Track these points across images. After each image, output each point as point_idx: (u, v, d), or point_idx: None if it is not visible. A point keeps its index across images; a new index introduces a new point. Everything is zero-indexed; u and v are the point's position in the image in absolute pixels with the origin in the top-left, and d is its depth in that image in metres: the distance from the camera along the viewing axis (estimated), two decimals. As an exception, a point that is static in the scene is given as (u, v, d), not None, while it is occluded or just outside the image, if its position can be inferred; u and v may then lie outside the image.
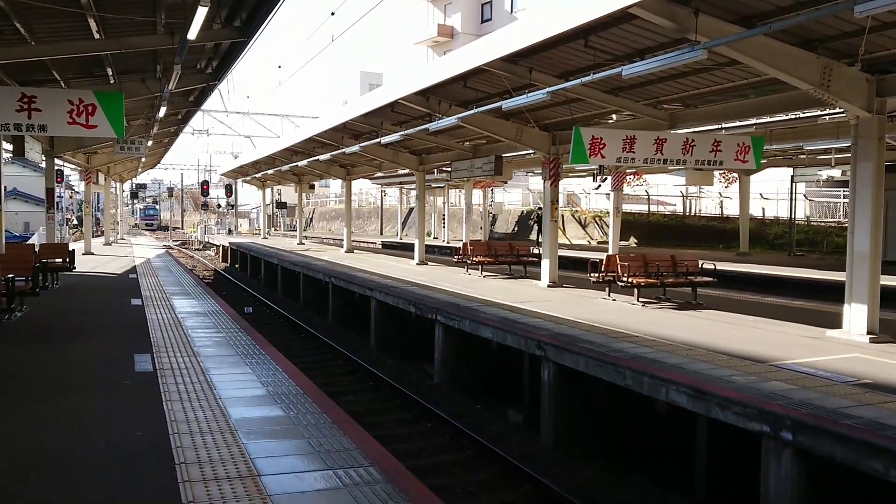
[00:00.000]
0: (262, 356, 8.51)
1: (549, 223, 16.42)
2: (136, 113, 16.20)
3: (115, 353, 8.43)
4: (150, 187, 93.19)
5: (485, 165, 18.89)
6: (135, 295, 14.29)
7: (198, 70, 13.68)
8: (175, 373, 7.40)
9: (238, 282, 29.17)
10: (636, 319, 11.57)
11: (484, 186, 39.26)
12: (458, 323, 12.26)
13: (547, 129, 16.19)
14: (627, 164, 13.14)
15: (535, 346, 10.00)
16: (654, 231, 36.30)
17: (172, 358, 8.17)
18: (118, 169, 35.55)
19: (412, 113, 17.35)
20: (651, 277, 13.30)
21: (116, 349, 8.69)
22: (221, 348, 8.89)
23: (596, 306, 13.13)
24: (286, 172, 34.45)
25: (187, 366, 7.76)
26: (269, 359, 8.39)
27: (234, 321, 11.27)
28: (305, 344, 16.98)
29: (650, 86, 12.27)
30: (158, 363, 7.86)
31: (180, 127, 22.52)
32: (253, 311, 21.34)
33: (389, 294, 15.53)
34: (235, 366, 7.89)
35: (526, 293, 15.16)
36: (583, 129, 12.31)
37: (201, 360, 8.11)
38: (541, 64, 11.88)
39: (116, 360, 8.02)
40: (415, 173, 23.17)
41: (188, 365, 7.80)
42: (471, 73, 12.85)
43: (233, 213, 59.98)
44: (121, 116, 9.92)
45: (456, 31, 52.93)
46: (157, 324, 10.60)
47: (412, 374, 14.03)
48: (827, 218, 31.89)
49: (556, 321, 11.35)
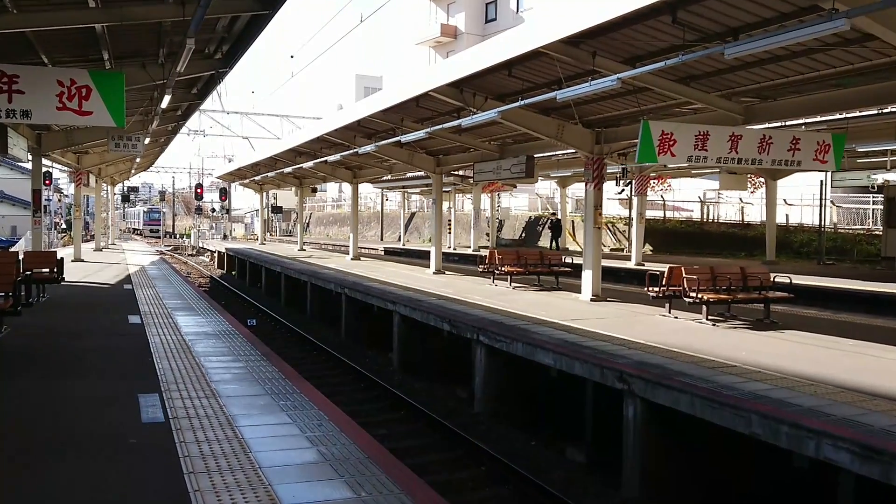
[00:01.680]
0: (296, 395, 6.85)
1: (593, 230, 14.82)
2: (134, 105, 14.50)
3: (113, 393, 6.76)
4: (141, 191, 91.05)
5: (514, 167, 17.27)
6: (132, 310, 12.59)
7: (206, 55, 12.02)
8: (194, 424, 5.74)
9: (237, 290, 27.48)
10: (716, 343, 9.99)
11: (493, 191, 37.68)
12: (508, 345, 10.64)
13: (590, 125, 14.61)
14: (699, 165, 11.61)
15: (614, 377, 8.39)
16: (670, 238, 34.78)
17: (187, 399, 6.51)
18: (110, 171, 33.76)
19: (439, 108, 15.74)
20: (720, 292, 11.72)
21: (115, 386, 7.01)
22: (245, 384, 7.22)
23: (659, 326, 11.53)
24: (287, 175, 32.77)
25: (207, 412, 6.09)
26: (307, 399, 6.74)
27: (251, 344, 9.60)
28: (320, 363, 15.32)
29: (728, 74, 10.70)
30: (170, 408, 6.20)
31: (179, 124, 20.81)
32: (257, 323, 19.74)
33: (417, 309, 13.90)
34: (268, 411, 6.23)
35: (570, 309, 13.55)
36: (652, 123, 10.74)
37: (223, 402, 6.45)
38: (607, 47, 10.30)
39: (116, 404, 6.35)
40: (431, 176, 21.54)
41: (208, 411, 6.14)
42: (521, 59, 11.26)
43: (227, 217, 58.12)
44: (121, 101, 8.26)
45: (459, 31, 51.41)
46: (161, 349, 8.92)
47: (447, 402, 12.41)
48: (855, 225, 30.43)
49: (627, 345, 9.75)
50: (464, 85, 13.49)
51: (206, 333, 10.32)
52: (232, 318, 12.16)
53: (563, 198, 37.03)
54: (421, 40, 53.57)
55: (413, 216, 50.51)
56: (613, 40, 10.08)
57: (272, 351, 9.12)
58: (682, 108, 12.52)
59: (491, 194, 38.75)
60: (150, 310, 12.83)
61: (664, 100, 12.31)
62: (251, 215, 70.09)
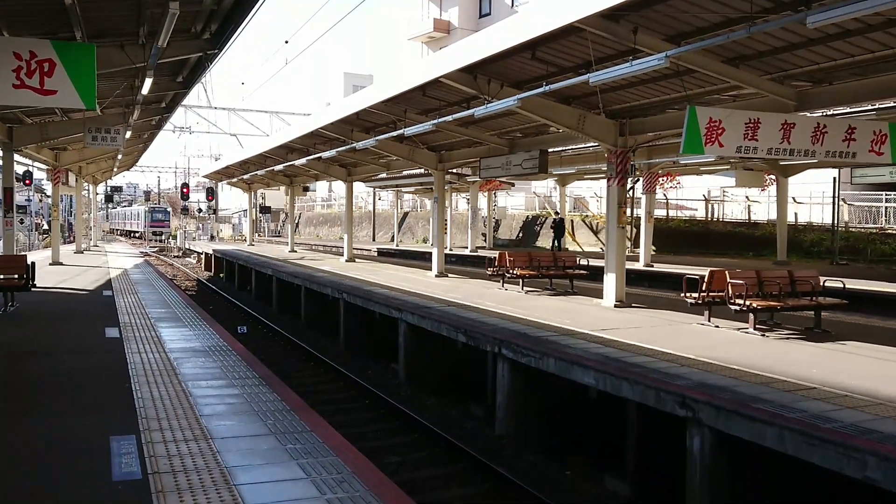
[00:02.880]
0: (306, 434, 5.57)
1: (616, 230, 13.59)
2: (113, 93, 13.12)
3: (79, 435, 5.45)
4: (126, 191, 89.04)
5: (525, 162, 16.03)
6: (110, 321, 11.24)
7: (192, 34, 10.69)
8: (179, 482, 4.44)
9: (225, 294, 26.11)
10: (777, 358, 8.79)
11: (490, 189, 36.45)
12: (537, 361, 9.39)
13: (613, 116, 13.39)
14: (748, 156, 10.42)
15: (674, 402, 7.16)
16: (675, 237, 33.66)
17: (171, 442, 5.21)
18: (91, 169, 32.23)
19: (447, 97, 14.47)
20: (769, 299, 10.52)
21: (82, 426, 5.69)
22: (243, 420, 5.92)
23: (704, 337, 10.31)
24: (277, 173, 31.38)
25: (197, 463, 4.80)
26: (319, 440, 5.45)
27: (247, 364, 8.29)
28: (319, 376, 14.03)
29: (784, 53, 9.49)
30: (150, 456, 4.90)
31: (164, 117, 19.40)
32: (248, 330, 18.42)
33: (426, 317, 12.63)
34: (274, 459, 4.94)
35: (596, 316, 12.32)
36: (699, 110, 9.52)
37: (217, 447, 5.16)
38: (649, 22, 9.08)
39: (81, 453, 5.05)
40: (434, 173, 20.25)
41: (198, 461, 4.85)
42: (548, 38, 10.00)
43: (214, 218, 56.59)
44: (91, 78, 6.94)
45: (453, 27, 50.12)
46: (142, 371, 7.60)
47: (463, 422, 11.17)
48: (868, 224, 29.40)
49: (676, 360, 8.54)
50: (478, 70, 12.24)
51: (194, 350, 8.99)
52: (223, 331, 10.83)
53: (562, 196, 35.88)
54: (413, 36, 52.22)
55: (406, 216, 49.21)
56: (657, 13, 8.85)
57: (272, 373, 7.81)
58: (722, 94, 11.32)
59: (488, 193, 37.54)
60: (130, 320, 11.49)
61: (702, 85, 11.10)
62: (239, 215, 68.51)
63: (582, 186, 39.46)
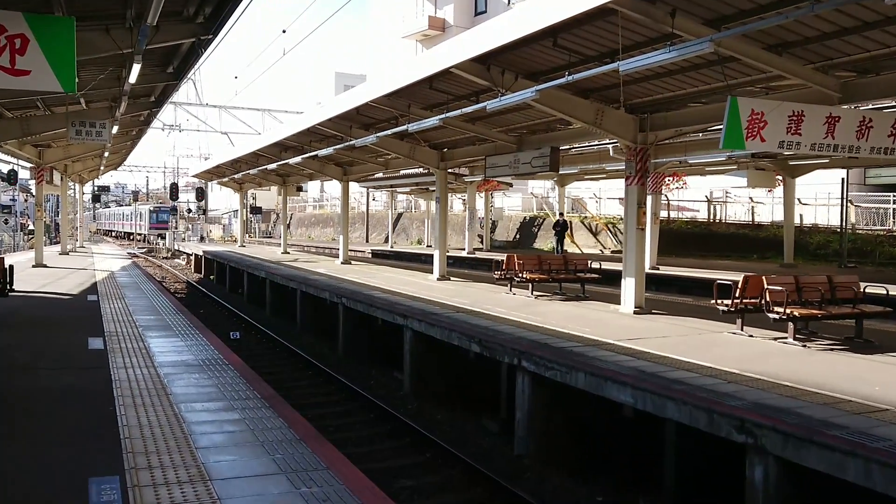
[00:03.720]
0: (322, 472, 4.72)
1: (635, 232, 12.80)
2: (98, 84, 12.18)
3: (52, 476, 4.58)
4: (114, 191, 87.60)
5: (535, 160, 15.19)
6: (94, 330, 10.33)
7: (184, 18, 9.80)
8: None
9: (216, 296, 25.18)
10: (828, 373, 8.01)
11: (488, 190, 35.62)
12: (563, 375, 8.57)
13: (632, 110, 12.60)
14: (790, 152, 9.65)
15: (730, 426, 6.35)
16: (676, 239, 32.91)
17: (161, 485, 4.35)
18: (77, 167, 31.18)
19: (455, 91, 13.65)
20: (809, 306, 9.74)
21: (56, 462, 4.82)
22: (248, 456, 5.06)
23: (740, 348, 9.52)
24: (270, 173, 30.45)
25: (195, 514, 3.95)
26: (338, 479, 4.60)
27: (247, 381, 7.41)
28: (318, 386, 13.18)
29: (830, 40, 8.71)
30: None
31: (153, 111, 18.43)
32: (240, 336, 17.56)
33: (435, 325, 11.80)
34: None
35: (618, 325, 11.51)
36: (741, 101, 8.71)
37: (218, 491, 4.31)
38: (688, 4, 8.28)
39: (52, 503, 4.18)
40: (435, 172, 19.41)
41: (196, 511, 3.99)
42: (574, 23, 9.19)
43: (204, 218, 55.52)
44: (70, 57, 6.06)
45: (448, 24, 49.29)
46: (128, 390, 6.72)
47: (477, 438, 10.34)
48: (875, 226, 28.76)
49: (720, 376, 7.75)
50: (491, 60, 11.42)
51: (186, 364, 8.11)
52: (217, 341, 9.94)
53: (561, 197, 35.09)
54: (407, 34, 51.34)
55: (400, 217, 48.32)
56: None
57: (275, 392, 6.94)
58: (755, 85, 10.52)
59: (485, 193, 36.70)
60: (116, 329, 10.59)
61: (734, 76, 10.29)
62: (229, 216, 67.37)
63: (580, 187, 38.69)
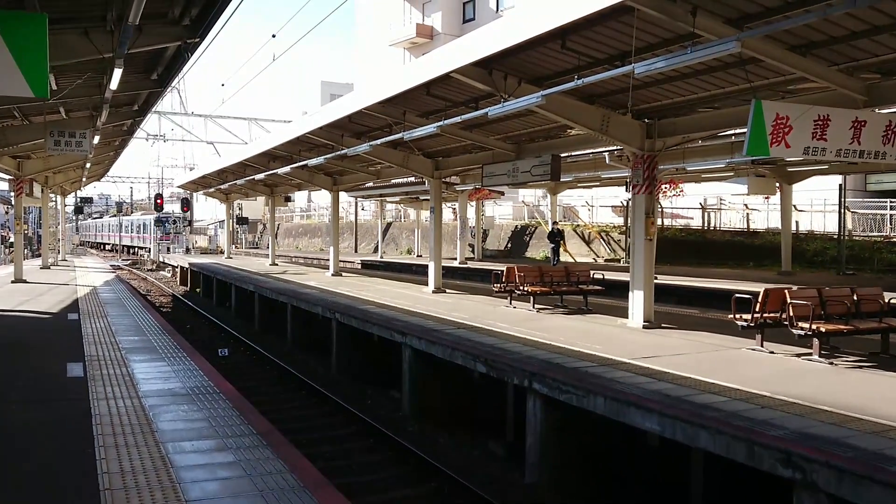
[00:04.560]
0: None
1: (644, 243, 12.27)
2: (77, 91, 11.50)
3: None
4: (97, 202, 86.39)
5: (535, 168, 14.63)
6: (74, 354, 9.64)
7: (170, 20, 9.18)
8: None
9: (203, 311, 24.47)
10: (864, 393, 7.50)
11: (479, 199, 35.07)
12: (580, 399, 8.00)
13: (640, 116, 12.10)
14: (815, 159, 9.14)
15: (774, 459, 5.79)
16: (670, 247, 32.45)
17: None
18: (59, 179, 30.35)
19: (453, 97, 13.10)
20: (835, 321, 9.23)
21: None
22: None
23: (761, 365, 8.98)
24: (258, 183, 29.77)
25: None
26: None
27: (241, 414, 6.76)
28: (311, 408, 12.55)
29: (859, 39, 8.22)
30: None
31: (136, 121, 17.72)
32: (228, 353, 16.90)
33: (437, 343, 11.20)
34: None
35: (629, 341, 10.96)
36: (765, 104, 8.20)
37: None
38: (709, 2, 7.76)
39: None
40: (430, 181, 18.85)
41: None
42: (584, 24, 8.65)
43: (189, 229, 54.59)
44: (42, 58, 5.41)
45: (436, 32, 48.87)
46: (110, 430, 6.06)
47: (485, 465, 9.76)
48: (872, 232, 28.43)
49: (750, 399, 7.19)
50: (494, 65, 10.88)
51: (173, 394, 7.45)
52: (207, 365, 9.27)
53: (553, 205, 34.59)
54: (394, 41, 50.89)
55: (389, 226, 47.68)
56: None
57: (272, 427, 6.30)
58: (776, 89, 10.01)
59: (476, 202, 36.15)
60: (98, 352, 9.90)
61: (751, 78, 9.77)
62: (215, 227, 66.40)
63: (572, 195, 38.23)
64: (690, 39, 7.99)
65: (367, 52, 57.11)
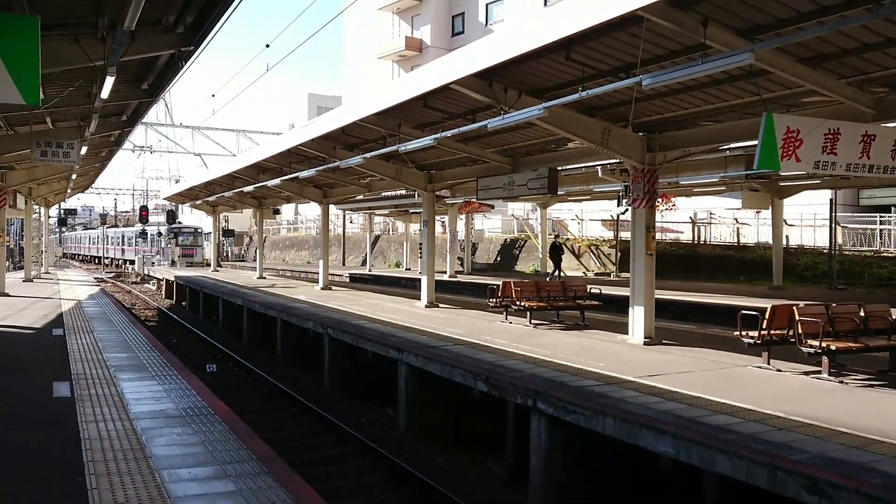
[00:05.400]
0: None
1: (644, 257, 12.08)
2: (65, 100, 11.17)
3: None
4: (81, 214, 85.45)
5: (531, 182, 14.45)
6: (60, 373, 9.27)
7: (164, 28, 8.91)
8: None
9: (190, 325, 24.00)
10: (879, 414, 7.30)
11: (469, 212, 34.88)
12: (588, 420, 7.74)
13: (640, 129, 11.94)
14: (825, 173, 9.00)
15: (799, 485, 5.56)
16: (661, 261, 32.07)
17: None
18: (43, 190, 29.87)
19: (451, 109, 12.89)
20: (844, 339, 9.05)
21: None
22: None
23: (770, 384, 8.77)
24: (246, 195, 29.43)
25: None
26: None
27: (238, 438, 6.44)
28: (304, 426, 12.21)
29: (871, 52, 8.09)
30: None
31: (125, 132, 17.37)
32: (217, 369, 16.52)
33: (434, 360, 10.92)
34: None
35: (631, 358, 10.73)
36: (777, 117, 8.03)
37: None
38: (721, 13, 7.60)
39: None
40: (423, 194, 18.60)
41: None
42: (590, 35, 8.46)
43: (175, 241, 53.95)
44: (34, 63, 5.14)
45: (425, 45, 48.83)
46: (101, 456, 5.72)
47: (486, 486, 9.48)
48: (862, 247, 28.47)
49: (764, 420, 6.96)
50: (494, 76, 10.67)
51: (166, 415, 7.12)
52: (199, 384, 8.93)
53: (543, 219, 34.48)
54: (383, 54, 50.79)
55: (378, 239, 47.36)
56: (731, 3, 7.39)
57: (273, 452, 5.99)
58: (782, 102, 9.86)
59: (466, 215, 35.95)
60: (85, 370, 9.54)
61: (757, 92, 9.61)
62: (201, 239, 65.73)
63: (562, 209, 38.11)
64: (697, 51, 7.85)
65: (355, 65, 56.97)
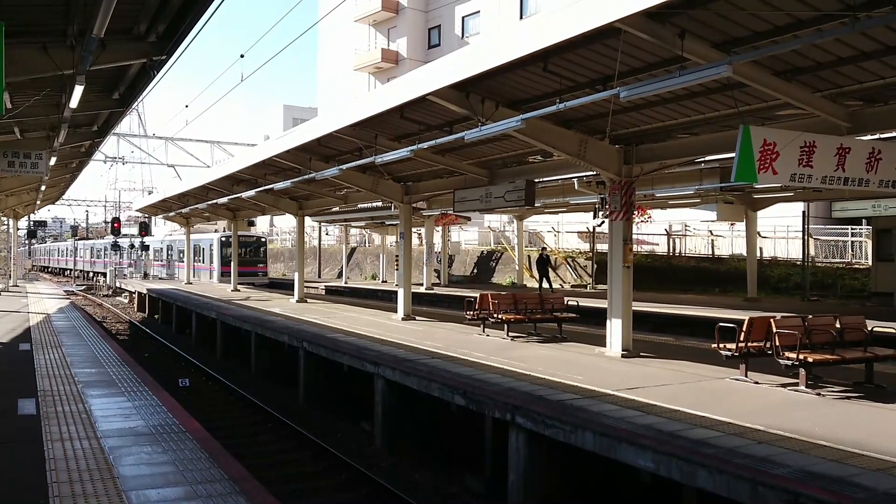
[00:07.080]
0: None
1: (622, 269, 12.06)
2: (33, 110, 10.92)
3: None
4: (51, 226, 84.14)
5: (508, 194, 14.40)
6: (26, 390, 9.00)
7: (135, 36, 8.74)
8: None
9: (162, 339, 23.63)
10: (857, 427, 7.29)
11: (446, 224, 34.81)
12: (567, 434, 7.66)
13: (617, 141, 11.95)
14: (799, 186, 9.05)
15: (783, 500, 5.51)
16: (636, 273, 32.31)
17: None
18: (11, 202, 29.31)
19: (428, 120, 12.81)
20: (821, 351, 9.06)
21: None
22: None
23: (748, 397, 8.75)
24: (220, 207, 29.09)
25: None
26: None
27: (210, 456, 6.25)
28: (279, 441, 11.99)
29: (845, 66, 8.14)
30: None
31: (95, 143, 17.07)
32: (190, 383, 16.24)
33: (410, 374, 10.80)
34: None
35: (609, 370, 10.67)
36: (754, 130, 8.05)
37: None
38: (698, 26, 7.61)
39: None
40: (399, 206, 18.49)
41: None
42: (568, 46, 8.43)
43: (146, 254, 53.23)
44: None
45: (401, 57, 48.87)
46: (66, 478, 5.51)
47: (464, 502, 9.31)
48: (835, 258, 28.82)
49: (746, 434, 6.91)
50: (471, 88, 10.62)
51: (135, 433, 6.91)
52: (171, 401, 8.71)
53: (520, 231, 34.52)
54: (359, 66, 50.74)
55: (354, 251, 47.11)
56: (709, 13, 7.39)
57: (247, 472, 5.81)
58: (758, 115, 9.91)
59: (443, 227, 35.88)
60: (52, 387, 9.28)
61: (733, 105, 9.65)
62: (174, 251, 64.90)
63: (538, 220, 38.21)
64: (674, 63, 7.85)
65: (331, 77, 56.84)
